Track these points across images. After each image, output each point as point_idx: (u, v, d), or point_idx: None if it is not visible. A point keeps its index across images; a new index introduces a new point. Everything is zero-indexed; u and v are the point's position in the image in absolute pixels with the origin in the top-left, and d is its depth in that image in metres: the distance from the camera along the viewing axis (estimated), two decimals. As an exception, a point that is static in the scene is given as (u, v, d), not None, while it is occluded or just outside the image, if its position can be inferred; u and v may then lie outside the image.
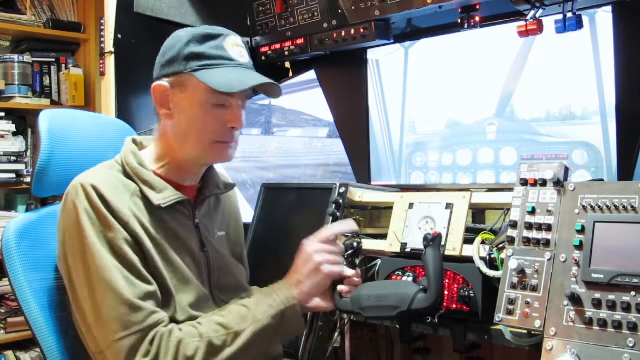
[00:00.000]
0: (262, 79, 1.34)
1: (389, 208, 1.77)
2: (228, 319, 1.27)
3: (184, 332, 1.22)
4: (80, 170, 1.43)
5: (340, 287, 1.47)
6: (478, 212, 1.89)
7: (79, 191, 1.23)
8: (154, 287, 1.24)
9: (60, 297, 1.36)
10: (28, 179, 3.01)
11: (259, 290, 1.41)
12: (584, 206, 1.31)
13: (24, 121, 3.19)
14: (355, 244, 1.54)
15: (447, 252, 1.55)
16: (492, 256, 1.47)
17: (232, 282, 1.47)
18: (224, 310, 1.31)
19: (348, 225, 1.48)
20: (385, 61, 2.30)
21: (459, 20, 1.82)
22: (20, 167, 3.01)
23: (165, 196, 1.31)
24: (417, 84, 2.23)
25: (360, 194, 1.87)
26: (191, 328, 1.24)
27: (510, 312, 1.33)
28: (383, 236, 1.73)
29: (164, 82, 1.32)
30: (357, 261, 1.59)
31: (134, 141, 1.41)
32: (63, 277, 1.30)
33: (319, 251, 1.39)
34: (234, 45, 1.34)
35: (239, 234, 1.60)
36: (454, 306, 1.49)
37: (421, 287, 1.40)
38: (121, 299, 1.19)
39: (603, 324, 1.19)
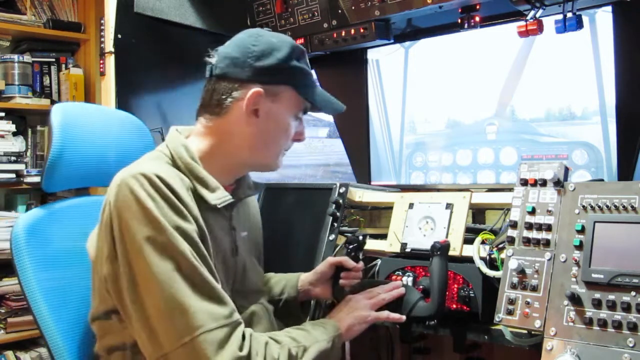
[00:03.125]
0: (344, 105, 1.43)
1: (389, 208, 1.77)
2: (295, 335, 1.25)
3: (265, 337, 1.20)
4: (91, 164, 1.40)
5: (343, 282, 1.52)
6: (478, 212, 1.89)
7: (142, 180, 1.12)
8: (220, 285, 1.18)
9: (69, 296, 1.35)
10: (28, 179, 3.00)
11: (307, 322, 1.38)
12: (584, 206, 1.31)
13: (24, 121, 3.19)
14: (361, 237, 1.55)
15: (447, 252, 1.56)
16: (492, 256, 1.47)
17: (252, 287, 1.43)
18: (284, 330, 1.29)
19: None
20: (385, 61, 2.30)
21: (459, 20, 1.83)
22: (20, 167, 3.00)
23: (219, 196, 1.26)
24: (417, 84, 2.23)
25: (360, 194, 1.87)
26: (267, 337, 1.22)
27: (510, 312, 1.33)
28: (383, 236, 1.73)
29: (260, 89, 1.27)
30: (361, 255, 1.59)
31: (178, 132, 1.34)
32: (110, 281, 1.18)
33: (364, 297, 1.41)
34: (309, 63, 1.38)
35: (259, 235, 1.57)
36: (454, 306, 1.49)
37: (422, 295, 1.42)
38: (210, 291, 1.12)
39: (603, 324, 1.19)
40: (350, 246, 1.57)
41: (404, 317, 1.39)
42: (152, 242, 1.11)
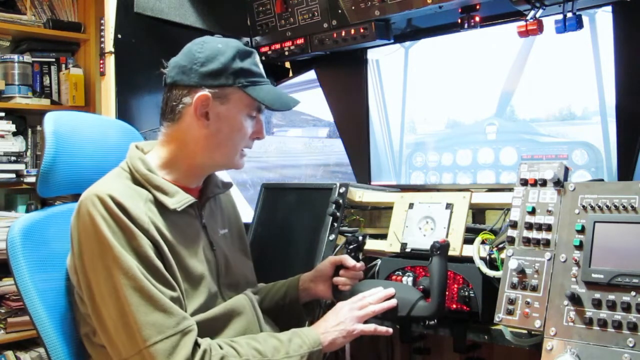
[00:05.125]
0: (297, 100, 1.46)
1: (389, 208, 1.77)
2: (264, 347, 1.29)
3: (225, 350, 1.25)
4: (85, 171, 1.45)
5: (339, 279, 1.53)
6: (478, 212, 1.89)
7: (95, 201, 1.22)
8: (177, 293, 1.25)
9: (66, 297, 1.36)
10: (28, 179, 3.01)
11: (290, 330, 1.41)
12: (584, 206, 1.31)
13: (24, 121, 3.19)
14: (360, 238, 1.56)
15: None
16: (492, 256, 1.47)
17: (240, 279, 1.49)
18: (259, 338, 1.32)
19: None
20: (385, 61, 2.30)
21: (459, 20, 1.83)
22: (20, 167, 3.01)
23: (178, 200, 1.33)
24: (417, 84, 2.23)
25: (360, 194, 1.87)
26: (229, 348, 1.26)
27: (510, 312, 1.33)
28: (383, 236, 1.73)
29: (207, 92, 1.34)
30: (361, 255, 1.60)
31: (137, 147, 1.42)
32: (78, 289, 1.29)
33: (353, 308, 1.42)
34: (259, 62, 1.42)
35: (241, 229, 1.62)
36: (454, 306, 1.49)
37: (422, 295, 1.42)
38: (154, 304, 1.19)
39: (603, 324, 1.19)
40: (350, 246, 1.58)
41: (390, 330, 1.41)
42: (103, 260, 1.20)
